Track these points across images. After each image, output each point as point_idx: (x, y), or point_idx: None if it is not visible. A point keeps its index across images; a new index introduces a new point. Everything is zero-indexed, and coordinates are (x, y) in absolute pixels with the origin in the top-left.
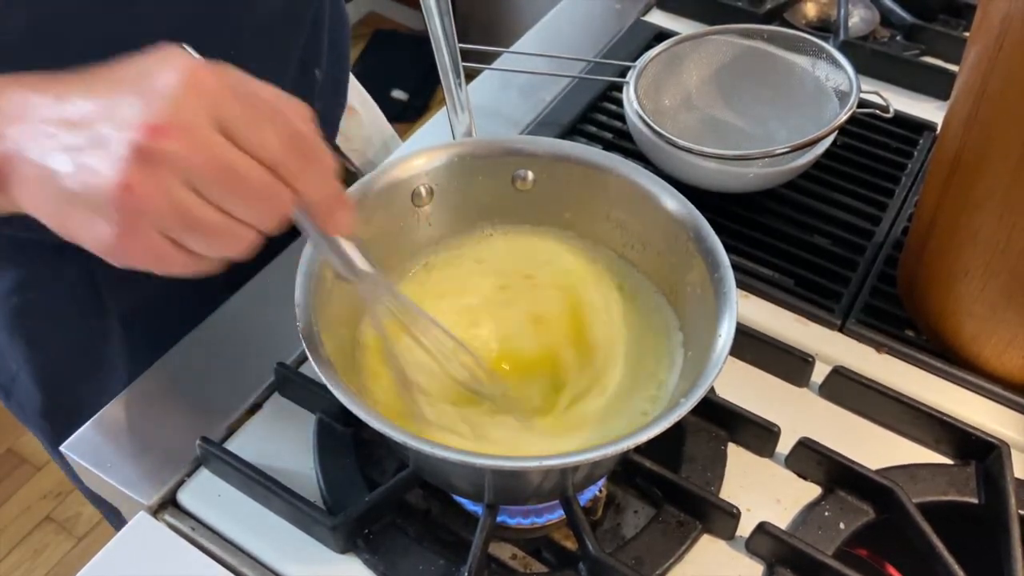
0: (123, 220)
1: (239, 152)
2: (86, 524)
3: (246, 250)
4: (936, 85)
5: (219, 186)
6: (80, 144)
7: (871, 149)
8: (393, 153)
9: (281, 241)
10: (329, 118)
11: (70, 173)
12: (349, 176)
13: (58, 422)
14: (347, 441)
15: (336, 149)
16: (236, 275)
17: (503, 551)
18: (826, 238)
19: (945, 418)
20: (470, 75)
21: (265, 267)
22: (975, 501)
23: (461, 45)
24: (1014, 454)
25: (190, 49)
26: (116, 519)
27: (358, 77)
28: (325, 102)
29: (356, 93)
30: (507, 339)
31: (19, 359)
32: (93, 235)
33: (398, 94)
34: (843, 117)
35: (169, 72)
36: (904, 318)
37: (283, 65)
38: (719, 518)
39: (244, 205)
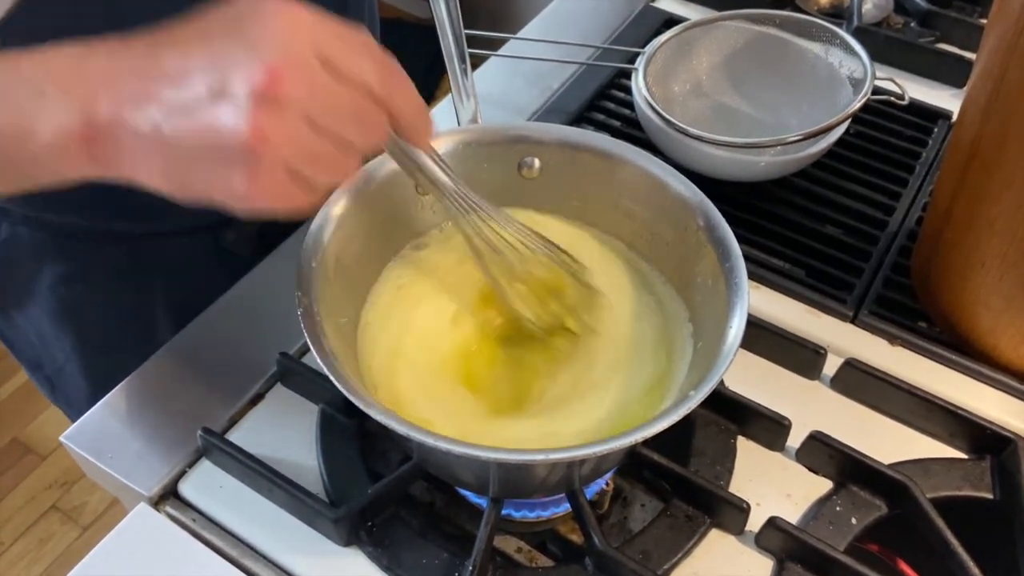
0: (261, 166)
1: (343, 84)
2: (91, 514)
3: (353, 173)
4: (952, 72)
5: (332, 118)
6: (191, 101)
7: (885, 137)
8: None
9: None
10: None
11: (191, 131)
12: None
13: None
14: (350, 432)
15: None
16: None
17: (508, 544)
18: (839, 228)
19: (960, 412)
20: (476, 62)
21: (266, 256)
22: (990, 496)
23: (467, 31)
24: None
25: None
26: None
27: None
28: None
29: None
30: (498, 328)
31: (66, 349)
32: (228, 188)
33: None
34: (857, 104)
35: (266, 16)
36: (918, 310)
37: None
38: (728, 512)
39: (351, 131)
